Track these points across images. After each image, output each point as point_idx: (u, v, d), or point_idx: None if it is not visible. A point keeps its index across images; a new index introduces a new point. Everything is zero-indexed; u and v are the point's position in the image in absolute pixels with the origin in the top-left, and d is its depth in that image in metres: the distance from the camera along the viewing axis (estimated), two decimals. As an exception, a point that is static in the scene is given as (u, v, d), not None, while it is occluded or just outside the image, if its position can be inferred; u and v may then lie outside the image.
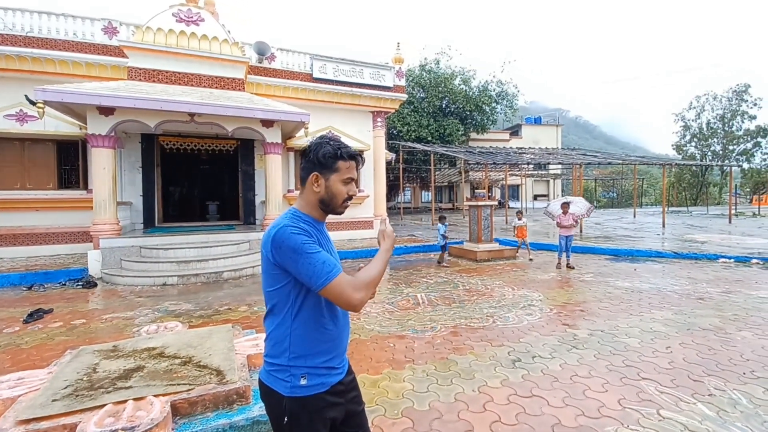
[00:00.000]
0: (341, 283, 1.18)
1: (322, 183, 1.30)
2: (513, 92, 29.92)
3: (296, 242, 1.18)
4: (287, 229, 1.20)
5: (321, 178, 1.30)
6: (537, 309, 5.20)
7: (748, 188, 38.90)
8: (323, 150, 1.29)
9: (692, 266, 8.15)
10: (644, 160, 22.81)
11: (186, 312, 5.27)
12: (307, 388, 1.25)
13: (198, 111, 7.78)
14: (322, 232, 1.36)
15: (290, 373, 1.25)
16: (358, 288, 1.20)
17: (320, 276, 1.17)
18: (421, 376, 3.26)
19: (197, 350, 2.92)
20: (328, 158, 1.28)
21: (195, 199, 14.45)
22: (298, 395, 1.24)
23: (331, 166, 1.29)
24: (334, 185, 1.30)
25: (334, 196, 1.31)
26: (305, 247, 1.18)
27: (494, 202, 10.25)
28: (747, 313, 4.89)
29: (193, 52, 9.06)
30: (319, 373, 1.27)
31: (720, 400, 2.85)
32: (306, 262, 1.17)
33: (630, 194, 41.17)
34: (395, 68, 12.86)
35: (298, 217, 1.29)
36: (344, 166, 1.30)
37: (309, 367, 1.26)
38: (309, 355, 1.26)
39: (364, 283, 1.22)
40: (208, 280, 7.19)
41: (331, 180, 1.30)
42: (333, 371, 1.31)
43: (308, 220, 1.30)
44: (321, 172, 1.30)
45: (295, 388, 1.24)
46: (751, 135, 35.47)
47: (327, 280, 1.17)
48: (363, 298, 1.20)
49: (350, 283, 1.20)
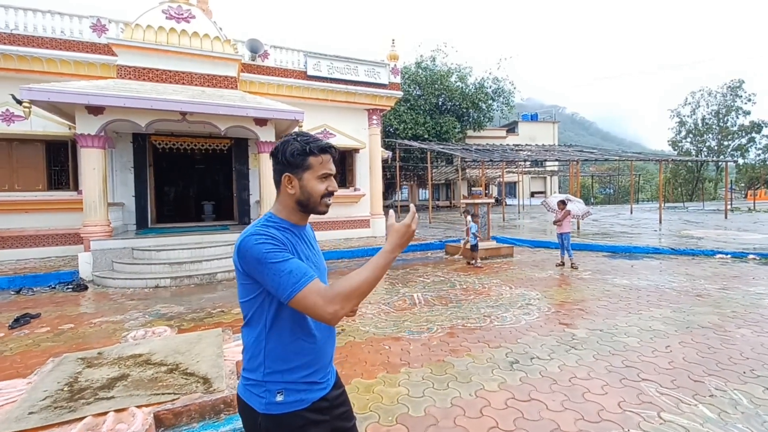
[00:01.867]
0: (310, 294, 1.05)
1: (295, 183, 1.20)
2: (509, 89, 29.86)
3: (259, 252, 1.07)
4: (252, 238, 1.10)
5: (294, 178, 1.20)
6: (535, 308, 5.13)
7: (742, 183, 39.12)
8: (290, 148, 1.19)
9: (689, 262, 8.12)
10: (640, 156, 22.84)
11: (178, 315, 5.17)
12: (283, 405, 1.15)
13: (190, 110, 7.64)
14: (301, 236, 1.25)
15: (265, 388, 1.15)
16: (332, 300, 1.05)
17: (286, 287, 1.05)
18: (417, 380, 3.18)
19: (185, 356, 2.83)
20: (296, 156, 1.18)
21: (189, 199, 14.30)
22: (274, 413, 1.14)
23: (302, 163, 1.19)
24: (309, 183, 1.20)
25: (310, 195, 1.20)
26: (269, 256, 1.07)
27: (491, 200, 10.19)
28: (745, 310, 4.85)
29: (184, 49, 8.91)
30: (297, 388, 1.17)
31: (721, 400, 2.79)
32: (271, 273, 1.06)
33: (626, 190, 41.27)
34: (391, 65, 12.75)
35: (270, 224, 1.18)
36: (316, 162, 1.20)
37: (286, 382, 1.16)
38: (286, 370, 1.16)
39: (342, 295, 1.05)
40: (201, 281, 7.08)
41: (304, 179, 1.19)
42: (314, 386, 1.21)
43: (284, 226, 1.20)
44: (292, 171, 1.20)
45: (271, 405, 1.14)
46: (746, 130, 35.66)
47: (293, 291, 1.05)
48: (336, 313, 1.05)
49: (322, 293, 1.05)
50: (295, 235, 1.23)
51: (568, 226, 8.03)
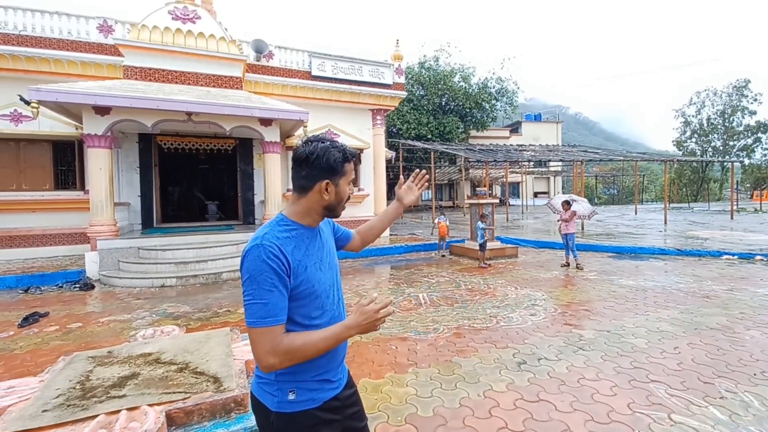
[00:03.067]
0: (265, 335, 1.06)
1: (332, 189, 1.22)
2: (513, 89, 29.79)
3: (256, 269, 1.07)
4: (259, 251, 1.09)
5: (332, 184, 1.21)
6: (541, 309, 5.12)
7: (748, 184, 38.80)
8: (332, 156, 1.20)
9: (696, 263, 8.07)
10: (645, 157, 22.70)
11: (184, 314, 5.19)
12: (296, 404, 1.16)
13: (195, 110, 7.68)
14: (313, 237, 1.25)
15: (278, 387, 1.17)
16: (277, 353, 1.06)
17: (254, 315, 1.07)
18: (425, 380, 3.18)
19: (194, 356, 2.84)
20: (338, 163, 1.21)
21: (194, 199, 14.35)
22: (286, 411, 1.16)
23: (340, 169, 1.22)
24: (342, 189, 1.24)
25: (341, 200, 1.26)
26: (260, 279, 1.07)
27: (495, 200, 10.16)
28: (754, 311, 4.82)
29: (189, 50, 8.95)
30: (309, 387, 1.19)
31: (731, 402, 2.77)
32: (251, 292, 1.07)
33: (631, 191, 41.09)
34: (394, 65, 12.75)
35: (280, 227, 1.18)
36: (350, 168, 1.26)
37: (298, 381, 1.17)
38: (298, 370, 1.17)
39: (289, 355, 1.08)
40: (207, 281, 7.10)
41: (340, 185, 1.23)
42: (326, 385, 1.23)
43: (297, 228, 1.20)
44: (332, 178, 1.21)
45: (283, 403, 1.16)
46: (752, 130, 35.37)
47: (257, 323, 1.06)
48: (273, 365, 1.07)
49: (274, 342, 1.06)
50: (307, 237, 1.23)
51: (573, 226, 7.99)
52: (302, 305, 1.16)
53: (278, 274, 1.09)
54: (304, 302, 1.16)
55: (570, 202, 8.17)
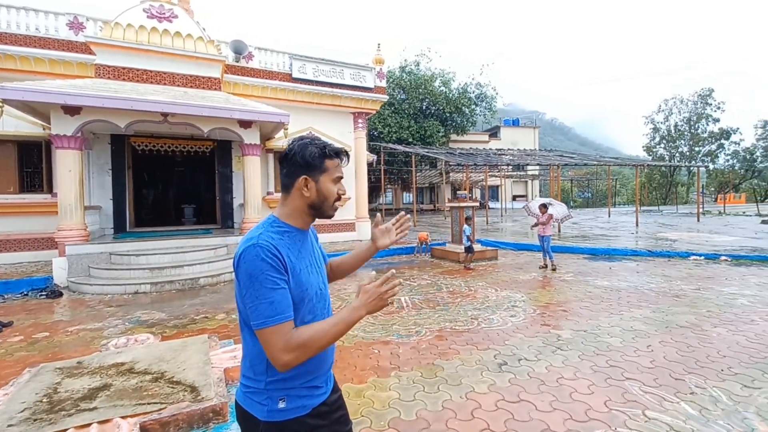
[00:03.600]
0: (277, 333, 1.04)
1: (312, 186, 1.20)
2: (492, 94, 30.36)
3: (256, 268, 1.06)
4: (255, 251, 1.07)
5: (311, 180, 1.19)
6: (520, 310, 5.21)
7: (713, 188, 40.75)
8: (309, 151, 1.19)
9: (666, 264, 8.39)
10: (617, 161, 23.53)
11: (159, 322, 5.02)
12: (286, 412, 1.14)
13: (171, 111, 7.48)
14: (304, 241, 1.25)
15: (267, 395, 1.14)
16: (292, 349, 1.05)
17: (261, 315, 1.04)
18: (407, 384, 3.18)
19: (170, 365, 2.75)
20: (315, 158, 1.19)
21: (170, 202, 13.96)
22: (276, 419, 1.13)
23: (320, 166, 1.19)
24: (324, 186, 1.20)
25: (325, 198, 1.21)
26: (262, 277, 1.05)
27: (475, 203, 10.30)
28: (720, 310, 5.04)
29: (165, 49, 8.73)
30: (300, 394, 1.16)
31: (701, 398, 2.88)
32: (255, 294, 1.05)
33: (604, 194, 42.45)
34: (376, 69, 12.79)
35: (273, 228, 1.17)
36: (332, 165, 1.21)
37: (288, 388, 1.15)
38: (288, 377, 1.15)
39: (303, 347, 1.06)
40: (183, 287, 6.90)
41: (321, 181, 1.20)
42: (316, 391, 1.21)
43: (287, 230, 1.19)
44: (310, 174, 1.19)
45: (273, 411, 1.13)
46: (715, 137, 37.23)
47: (266, 323, 1.04)
48: (289, 362, 1.05)
49: (287, 338, 1.05)
50: (299, 239, 1.22)
51: (550, 229, 8.19)
52: (296, 309, 1.13)
53: (279, 272, 1.08)
54: (297, 306, 1.14)
55: (547, 205, 8.37)
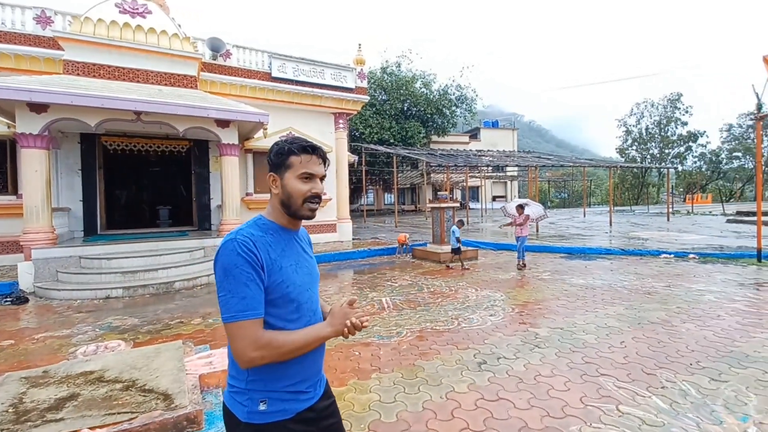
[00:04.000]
0: (245, 329, 1.04)
1: (278, 183, 1.20)
2: (472, 96, 30.77)
3: (230, 262, 1.06)
4: (231, 245, 1.08)
5: (276, 177, 1.20)
6: (500, 309, 5.28)
7: (681, 188, 42.47)
8: (275, 149, 1.21)
9: (638, 262, 8.68)
10: (592, 163, 24.25)
11: (132, 327, 4.85)
12: (266, 414, 1.11)
13: (145, 109, 7.24)
14: (291, 240, 1.24)
15: (248, 396, 1.12)
16: (259, 347, 1.04)
17: (231, 309, 1.04)
18: (388, 385, 3.17)
19: (142, 372, 2.65)
20: (279, 155, 1.20)
21: (144, 203, 13.53)
22: (255, 422, 1.11)
23: (283, 162, 1.19)
24: (289, 183, 1.18)
25: (290, 196, 1.18)
26: (236, 271, 1.05)
27: (456, 204, 10.40)
28: (689, 306, 5.25)
29: (138, 45, 8.46)
30: (282, 398, 1.14)
31: (672, 391, 2.98)
32: (228, 287, 1.05)
33: (580, 195, 43.66)
34: (357, 69, 12.76)
35: (257, 225, 1.18)
36: (296, 161, 1.18)
37: (269, 390, 1.13)
38: (269, 379, 1.13)
39: (270, 348, 1.05)
40: (157, 291, 6.69)
41: (285, 177, 1.19)
42: (300, 396, 1.17)
43: (270, 228, 1.20)
44: (276, 171, 1.20)
45: (253, 413, 1.11)
46: (684, 140, 38.86)
47: (235, 317, 1.04)
48: (254, 360, 1.04)
49: (255, 335, 1.04)
50: (283, 238, 1.21)
51: (526, 230, 8.33)
52: (276, 306, 1.12)
53: (254, 268, 1.07)
54: (277, 303, 1.13)
55: (524, 206, 8.51)
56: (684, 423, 2.56)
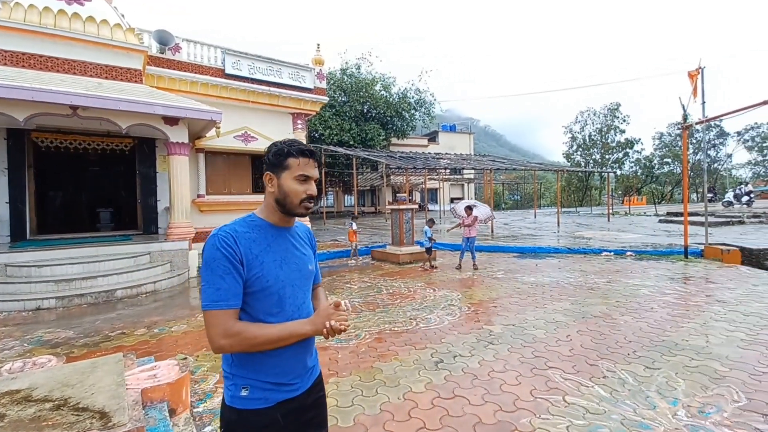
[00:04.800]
0: (217, 318, 1.11)
1: (275, 182, 1.25)
2: (430, 100, 31.41)
3: (210, 255, 1.14)
4: (214, 239, 1.16)
5: (273, 177, 1.26)
6: (457, 308, 5.41)
7: (620, 191, 45.91)
8: (274, 149, 1.27)
9: (582, 260, 9.27)
10: (541, 167, 25.62)
11: (66, 341, 4.45)
12: (247, 401, 1.18)
13: (82, 104, 6.69)
14: (277, 237, 1.27)
15: (233, 381, 1.20)
16: (229, 335, 1.10)
17: (207, 298, 1.12)
18: (346, 389, 3.14)
19: (76, 389, 2.43)
20: (278, 156, 1.25)
21: (82, 206, 12.47)
22: (236, 406, 1.18)
23: (281, 163, 1.24)
24: (286, 183, 1.24)
25: (287, 195, 1.24)
26: (214, 265, 1.13)
27: (415, 206, 10.55)
28: (626, 299, 5.67)
29: (75, 35, 7.82)
30: (263, 387, 1.19)
31: (612, 380, 3.20)
32: (206, 278, 1.14)
33: (531, 197, 45.88)
34: (316, 70, 12.60)
35: (244, 222, 1.24)
36: (294, 163, 1.24)
37: (251, 378, 1.19)
38: (249, 368, 1.19)
39: (240, 337, 1.11)
40: (96, 300, 6.19)
41: (282, 177, 1.24)
42: (282, 387, 1.22)
43: (259, 225, 1.25)
44: (273, 171, 1.26)
45: (235, 398, 1.19)
46: (621, 146, 42.04)
47: (210, 306, 1.11)
48: (223, 347, 1.11)
49: (227, 324, 1.11)
50: (270, 234, 1.25)
51: (475, 231, 8.62)
52: (257, 299, 1.18)
53: (231, 262, 1.13)
54: (258, 296, 1.18)
55: (472, 207, 8.80)
56: (622, 409, 2.76)
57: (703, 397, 2.89)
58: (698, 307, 5.19)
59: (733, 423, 2.56)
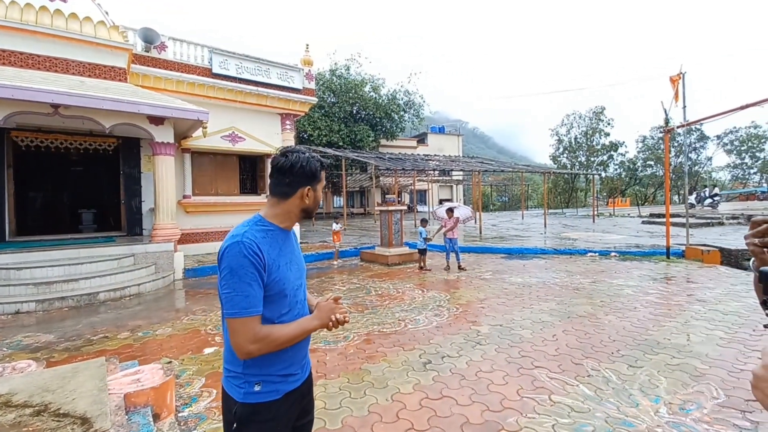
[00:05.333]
0: (247, 325, 1.16)
1: (311, 195, 1.33)
2: (419, 102, 31.54)
3: (238, 264, 1.16)
4: (239, 248, 1.17)
5: (312, 190, 1.33)
6: (445, 309, 5.44)
7: (605, 193, 46.75)
8: (312, 165, 1.32)
9: (568, 261, 9.41)
10: (529, 168, 25.93)
11: (46, 345, 4.33)
12: (260, 395, 1.25)
13: (64, 102, 6.54)
14: (286, 240, 1.35)
15: (245, 380, 1.25)
16: (257, 339, 1.16)
17: (235, 306, 1.15)
18: (334, 391, 3.13)
19: (56, 395, 2.37)
20: (318, 171, 1.33)
21: (64, 206, 12.16)
22: (250, 401, 1.24)
23: (317, 176, 1.34)
24: (318, 194, 1.36)
25: (317, 203, 1.37)
26: (243, 272, 1.15)
27: (404, 207, 10.57)
28: (610, 299, 5.77)
29: (58, 32, 7.64)
30: (274, 380, 1.27)
31: (596, 379, 3.26)
32: (233, 286, 1.15)
33: (519, 198, 46.41)
34: (304, 70, 12.54)
35: (257, 227, 1.27)
36: (323, 175, 1.38)
37: (264, 374, 1.26)
38: (264, 364, 1.25)
39: (267, 341, 1.18)
40: (78, 303, 6.04)
41: (317, 190, 1.35)
42: (290, 378, 1.31)
43: (273, 229, 1.30)
44: (311, 184, 1.33)
45: (249, 394, 1.24)
46: (606, 149, 42.85)
47: (239, 313, 1.15)
48: (251, 352, 1.17)
49: (254, 330, 1.16)
50: (280, 238, 1.32)
51: (457, 232, 8.70)
52: (272, 301, 1.23)
53: (257, 269, 1.18)
54: (273, 298, 1.24)
55: (453, 209, 8.87)
56: (606, 408, 2.81)
57: (684, 395, 2.96)
58: (680, 307, 5.32)
59: (712, 419, 2.63)
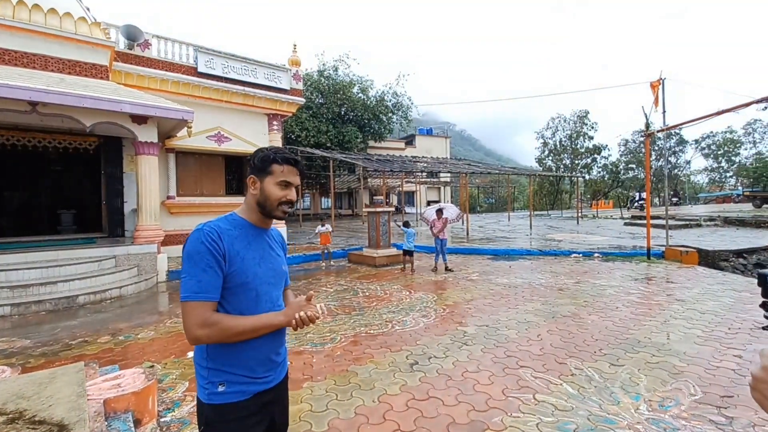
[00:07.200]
0: (196, 309, 1.15)
1: (258, 185, 1.32)
2: (407, 104, 31.63)
3: (193, 249, 1.18)
4: (198, 234, 1.20)
5: (257, 180, 1.33)
6: (432, 310, 5.46)
7: (588, 195, 47.68)
8: (260, 155, 1.34)
9: (553, 261, 9.56)
10: (515, 171, 26.28)
11: (21, 350, 4.20)
12: (224, 395, 1.21)
13: (42, 99, 6.35)
14: (257, 236, 1.34)
15: (209, 379, 1.23)
16: (207, 325, 1.15)
17: (187, 290, 1.15)
18: (321, 394, 3.11)
19: (32, 401, 2.29)
20: (263, 161, 1.32)
21: (42, 207, 11.80)
22: (215, 402, 1.21)
23: (266, 168, 1.32)
24: (268, 187, 1.31)
25: (267, 198, 1.31)
26: (196, 258, 1.17)
27: (392, 209, 10.59)
28: (594, 299, 5.88)
29: (36, 27, 7.43)
30: (239, 380, 1.24)
31: (579, 378, 3.31)
32: (187, 271, 1.17)
33: (505, 200, 46.98)
34: (292, 71, 12.47)
35: (227, 220, 1.29)
36: (278, 170, 1.31)
37: (228, 373, 1.23)
38: (226, 363, 1.23)
39: (217, 328, 1.16)
40: (56, 307, 5.87)
41: (265, 182, 1.32)
42: (257, 380, 1.27)
43: (241, 224, 1.31)
44: (257, 174, 1.33)
45: (213, 395, 1.21)
46: (590, 152, 43.75)
47: (189, 297, 1.15)
48: (199, 338, 1.15)
49: (204, 315, 1.15)
50: (250, 233, 1.32)
51: (446, 232, 8.76)
52: (235, 294, 1.22)
53: (214, 256, 1.17)
54: (236, 291, 1.22)
55: (442, 210, 8.92)
56: (589, 405, 2.86)
57: (663, 392, 3.04)
58: (659, 306, 5.45)
59: (690, 415, 2.70)
